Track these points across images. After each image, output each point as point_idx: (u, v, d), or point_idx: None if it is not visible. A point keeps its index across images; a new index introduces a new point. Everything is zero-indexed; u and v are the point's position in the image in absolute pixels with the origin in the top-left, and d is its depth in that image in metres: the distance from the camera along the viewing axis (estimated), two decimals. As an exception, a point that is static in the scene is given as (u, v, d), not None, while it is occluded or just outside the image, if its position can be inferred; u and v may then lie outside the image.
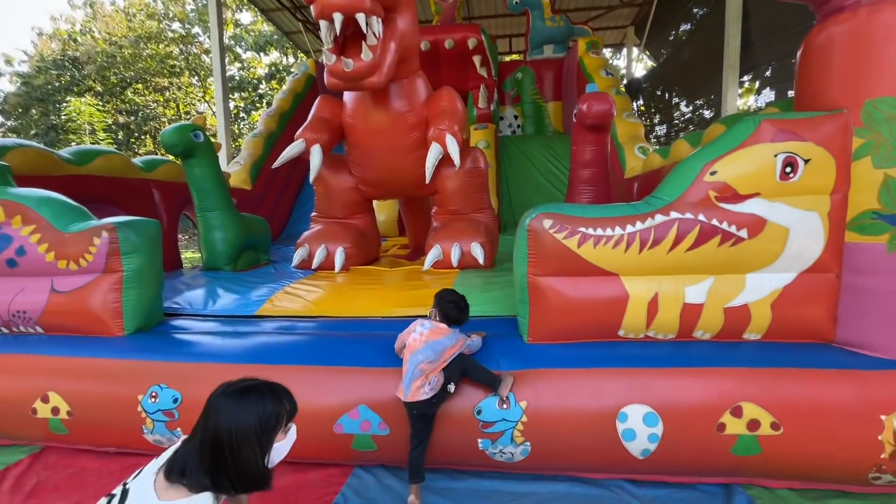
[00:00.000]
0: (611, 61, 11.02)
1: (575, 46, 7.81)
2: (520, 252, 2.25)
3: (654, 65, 12.02)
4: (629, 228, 2.09)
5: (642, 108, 11.92)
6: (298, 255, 3.83)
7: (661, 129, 12.53)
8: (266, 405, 1.22)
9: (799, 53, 2.22)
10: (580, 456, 2.05)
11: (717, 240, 2.04)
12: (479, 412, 2.04)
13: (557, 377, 2.07)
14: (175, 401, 2.20)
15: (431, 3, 8.55)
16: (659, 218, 2.08)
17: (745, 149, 2.03)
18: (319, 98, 3.81)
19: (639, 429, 1.96)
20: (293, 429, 1.33)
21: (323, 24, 2.72)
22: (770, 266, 2.06)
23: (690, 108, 12.13)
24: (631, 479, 2.11)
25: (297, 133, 3.56)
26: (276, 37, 17.22)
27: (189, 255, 10.25)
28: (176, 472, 1.18)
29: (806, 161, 1.97)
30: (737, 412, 1.92)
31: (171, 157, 4.84)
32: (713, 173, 2.05)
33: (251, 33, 18.46)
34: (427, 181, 3.48)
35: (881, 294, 1.95)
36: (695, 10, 8.59)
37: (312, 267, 3.79)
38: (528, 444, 2.03)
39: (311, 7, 2.68)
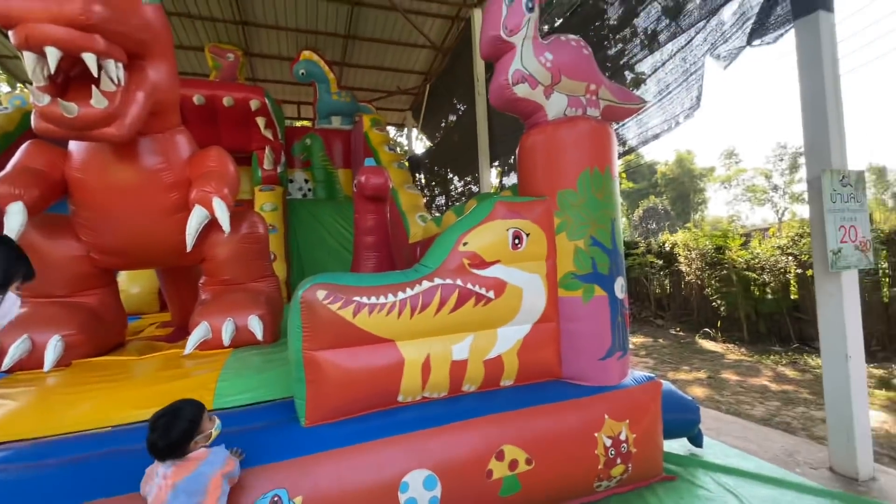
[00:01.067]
0: (396, 138, 12.28)
1: (360, 121, 8.41)
2: (293, 326, 2.10)
3: (431, 145, 13.95)
4: (400, 295, 2.21)
5: (424, 180, 13.51)
6: (-22, 353, 2.70)
7: (441, 200, 14.40)
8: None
9: (517, 151, 2.87)
10: (365, 542, 1.92)
11: (472, 301, 2.34)
12: (243, 525, 1.71)
13: (337, 459, 1.93)
14: None
15: (209, 58, 8.02)
16: (425, 284, 2.27)
17: (486, 224, 2.44)
18: (28, 144, 2.96)
19: (420, 495, 1.97)
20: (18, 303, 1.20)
21: (28, 55, 2.17)
22: (513, 320, 2.46)
23: (462, 182, 14.39)
24: (417, 551, 2.08)
25: (-15, 187, 2.64)
26: (-23, 57, 13.09)
27: None
28: None
29: (527, 234, 2.50)
30: (500, 456, 2.14)
31: None
32: (465, 244, 2.39)
33: (-68, 46, 13.58)
34: (188, 248, 3.01)
35: (583, 335, 2.54)
36: (458, 105, 10.45)
37: (2, 368, 2.72)
38: (306, 546, 1.79)
39: (10, 32, 2.12)
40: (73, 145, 2.98)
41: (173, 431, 1.54)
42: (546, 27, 6.48)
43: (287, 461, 1.88)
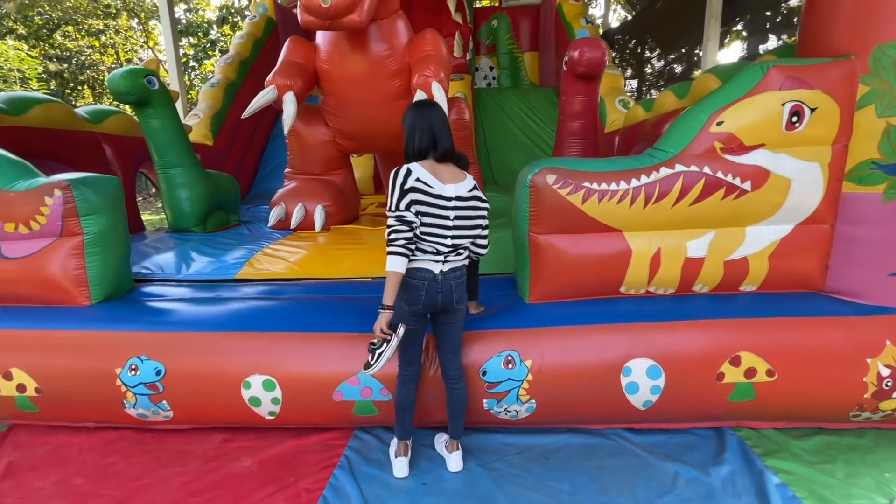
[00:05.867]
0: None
1: (552, -8, 7.46)
2: (520, 209, 2.16)
3: (629, 16, 11.75)
4: (634, 183, 2.03)
5: (615, 60, 11.75)
6: (275, 215, 3.60)
7: (631, 84, 12.43)
8: None
9: (807, -3, 2.14)
10: (583, 410, 2.08)
11: (720, 193, 2.01)
12: (484, 373, 2.01)
13: (561, 335, 2.05)
14: (158, 373, 2.05)
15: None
16: (664, 171, 2.02)
17: (752, 97, 1.97)
18: (289, 40, 3.46)
19: (642, 382, 1.99)
20: None
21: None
22: (770, 218, 2.06)
23: (662, 62, 12.01)
24: (628, 428, 2.18)
25: (268, 79, 3.24)
26: (225, -26, 15.56)
27: (147, 218, 9.60)
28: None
29: (812, 110, 1.94)
30: (735, 361, 1.97)
31: (119, 107, 4.37)
32: (719, 123, 1.99)
33: (196, -31, 16.59)
34: (412, 134, 3.28)
35: (873, 243, 2.00)
36: (675, -45, 8.32)
37: (291, 227, 3.58)
38: (534, 401, 2.03)
39: None
40: (320, 38, 3.36)
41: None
42: None
43: (517, 329, 2.08)
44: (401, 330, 1.68)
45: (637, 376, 1.98)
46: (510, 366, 2.01)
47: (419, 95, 3.17)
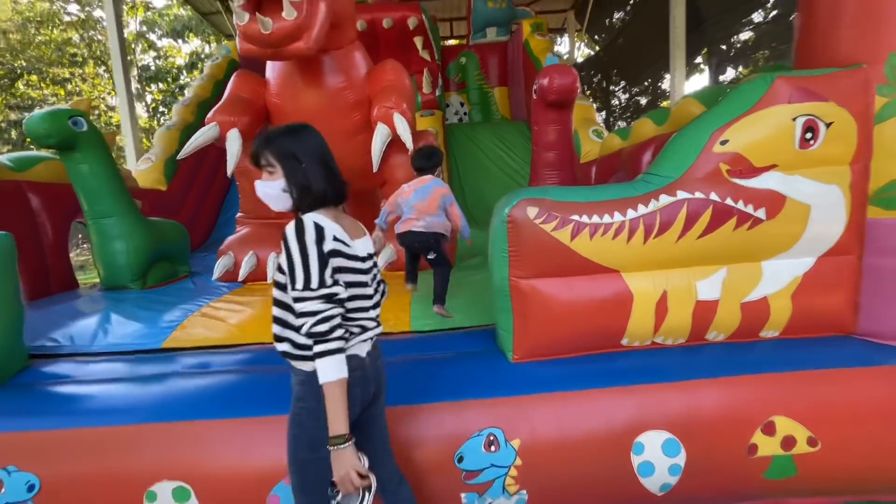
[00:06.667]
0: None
1: (519, 29, 7.57)
2: (497, 250, 1.80)
3: (592, 51, 12.11)
4: (631, 214, 1.71)
5: (586, 93, 11.99)
6: (221, 266, 3.16)
7: (599, 117, 12.69)
8: None
9: (799, 2, 1.94)
10: (587, 500, 1.65)
11: (732, 223, 1.71)
12: (460, 460, 1.58)
13: (556, 403, 1.64)
14: (31, 489, 1.54)
15: (364, -20, 7.90)
16: (664, 199, 1.71)
17: (758, 112, 1.70)
18: (236, 74, 3.14)
19: (658, 461, 1.59)
20: None
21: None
22: (788, 251, 1.76)
23: (627, 94, 12.35)
24: (645, 516, 1.75)
25: (209, 116, 2.89)
26: (194, 22, 15.60)
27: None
28: None
29: (828, 125, 1.68)
30: (769, 429, 1.60)
31: (49, 154, 3.94)
32: (724, 142, 1.71)
33: (165, 17, 16.64)
34: (375, 169, 2.95)
35: (910, 276, 1.70)
36: (636, -8, 8.59)
37: (240, 279, 3.14)
38: (525, 492, 1.60)
39: None
40: (270, 71, 3.06)
41: (433, 156, 2.44)
42: None
43: (500, 398, 1.67)
44: (364, 461, 1.19)
45: (651, 454, 1.58)
46: (493, 448, 1.58)
47: (381, 129, 2.88)
